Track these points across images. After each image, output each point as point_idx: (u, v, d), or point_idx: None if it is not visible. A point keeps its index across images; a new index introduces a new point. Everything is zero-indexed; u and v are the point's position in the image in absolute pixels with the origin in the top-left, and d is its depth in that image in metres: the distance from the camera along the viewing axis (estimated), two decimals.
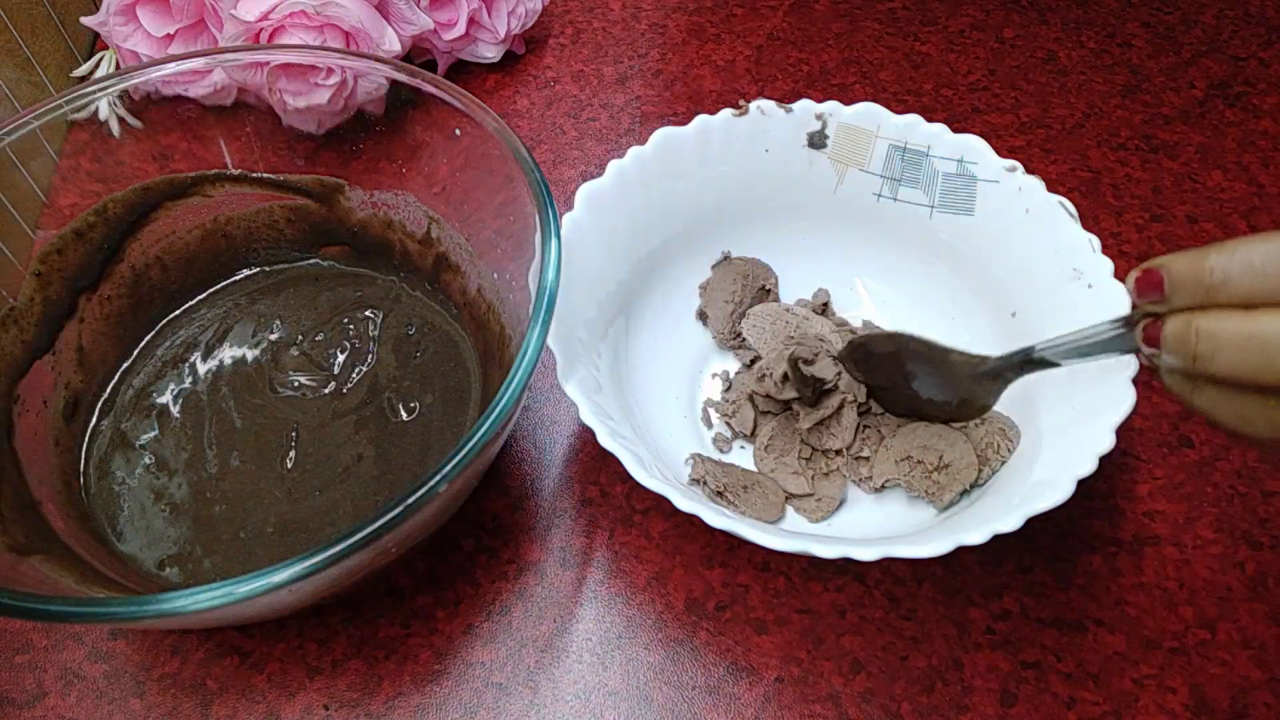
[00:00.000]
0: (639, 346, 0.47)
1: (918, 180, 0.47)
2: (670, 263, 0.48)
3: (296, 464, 0.44)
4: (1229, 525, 0.45)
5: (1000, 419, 0.44)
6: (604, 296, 0.44)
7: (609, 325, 0.45)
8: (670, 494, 0.37)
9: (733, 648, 0.42)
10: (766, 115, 0.46)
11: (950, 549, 0.35)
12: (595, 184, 0.44)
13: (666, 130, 0.45)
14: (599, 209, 0.43)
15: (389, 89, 0.46)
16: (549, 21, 0.68)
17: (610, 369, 0.44)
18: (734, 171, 0.47)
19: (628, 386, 0.45)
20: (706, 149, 0.46)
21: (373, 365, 0.47)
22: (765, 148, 0.46)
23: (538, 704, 0.40)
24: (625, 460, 0.37)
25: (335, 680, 0.41)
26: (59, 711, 0.40)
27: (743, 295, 0.49)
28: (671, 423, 0.46)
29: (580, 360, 0.41)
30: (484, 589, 0.43)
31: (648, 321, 0.48)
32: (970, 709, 0.40)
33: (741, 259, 0.50)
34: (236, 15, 0.52)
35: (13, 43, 0.57)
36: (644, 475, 0.37)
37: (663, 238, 0.47)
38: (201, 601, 0.30)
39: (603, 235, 0.44)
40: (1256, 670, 0.41)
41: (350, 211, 0.49)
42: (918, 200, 0.47)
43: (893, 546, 0.35)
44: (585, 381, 0.40)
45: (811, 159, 0.47)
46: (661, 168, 0.45)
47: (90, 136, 0.45)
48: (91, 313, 0.46)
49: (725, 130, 0.46)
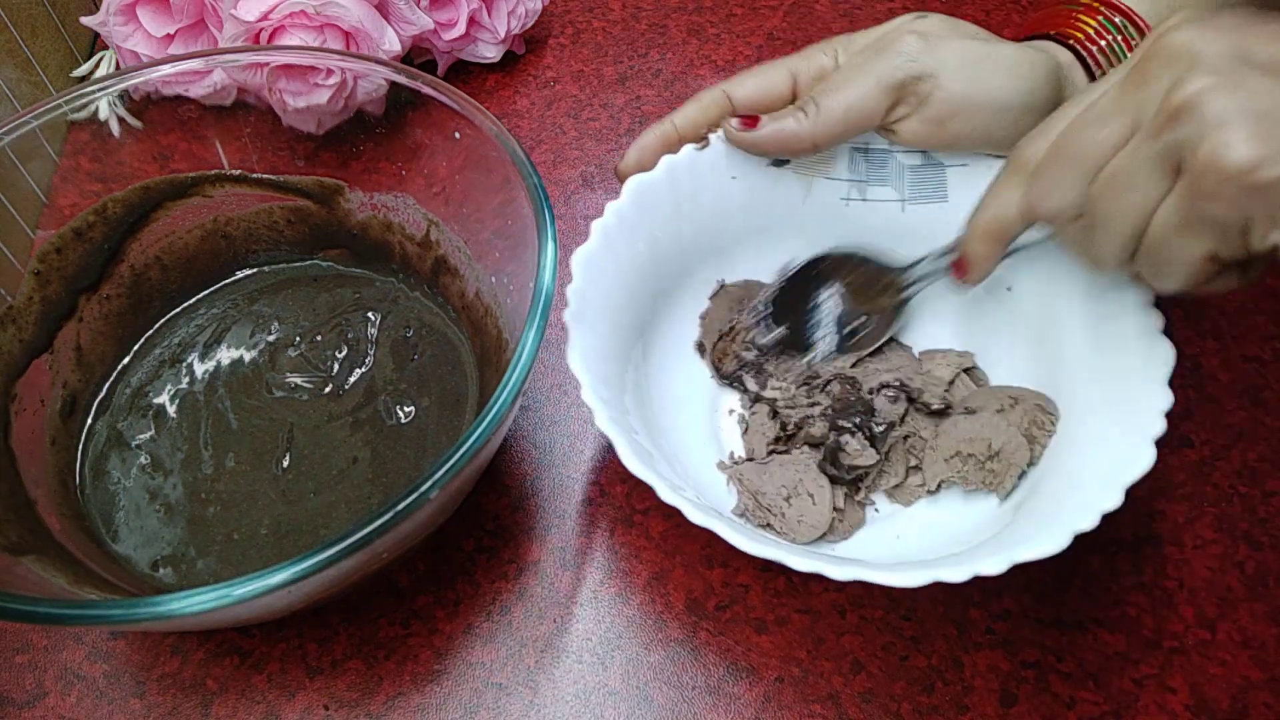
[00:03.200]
0: (656, 392, 0.46)
1: (885, 178, 0.47)
2: (670, 303, 0.48)
3: (292, 465, 0.44)
4: (1229, 525, 0.45)
5: (1035, 396, 0.44)
6: (615, 352, 0.44)
7: (623, 374, 0.44)
8: (685, 508, 0.36)
9: (733, 648, 0.42)
10: (727, 144, 0.46)
11: (968, 577, 0.34)
12: (585, 249, 0.43)
13: (638, 178, 0.45)
14: (595, 272, 0.43)
15: (389, 90, 0.46)
16: (549, 21, 0.68)
17: (639, 415, 0.44)
18: (707, 204, 0.47)
19: (655, 429, 0.45)
20: (678, 188, 0.46)
21: (370, 367, 0.47)
22: (731, 175, 0.47)
23: (538, 704, 0.40)
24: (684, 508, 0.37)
25: (335, 680, 0.41)
26: (59, 711, 0.40)
27: (738, 320, 0.49)
28: (701, 464, 0.46)
29: (609, 405, 0.40)
30: (484, 589, 0.43)
31: (658, 368, 0.47)
32: (970, 709, 0.40)
33: (735, 285, 0.50)
34: (236, 15, 0.52)
35: (13, 43, 0.57)
36: (698, 515, 0.36)
37: (657, 281, 0.47)
38: (196, 604, 0.30)
39: (603, 295, 0.44)
40: (1256, 670, 0.41)
41: (350, 213, 0.49)
42: (888, 196, 0.47)
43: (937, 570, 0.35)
44: (620, 422, 0.40)
45: (776, 177, 0.47)
46: (640, 216, 0.45)
47: (90, 136, 0.45)
48: (90, 312, 0.46)
49: (690, 166, 0.46)
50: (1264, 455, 0.47)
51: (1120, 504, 0.36)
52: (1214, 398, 0.49)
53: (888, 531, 0.44)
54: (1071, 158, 0.34)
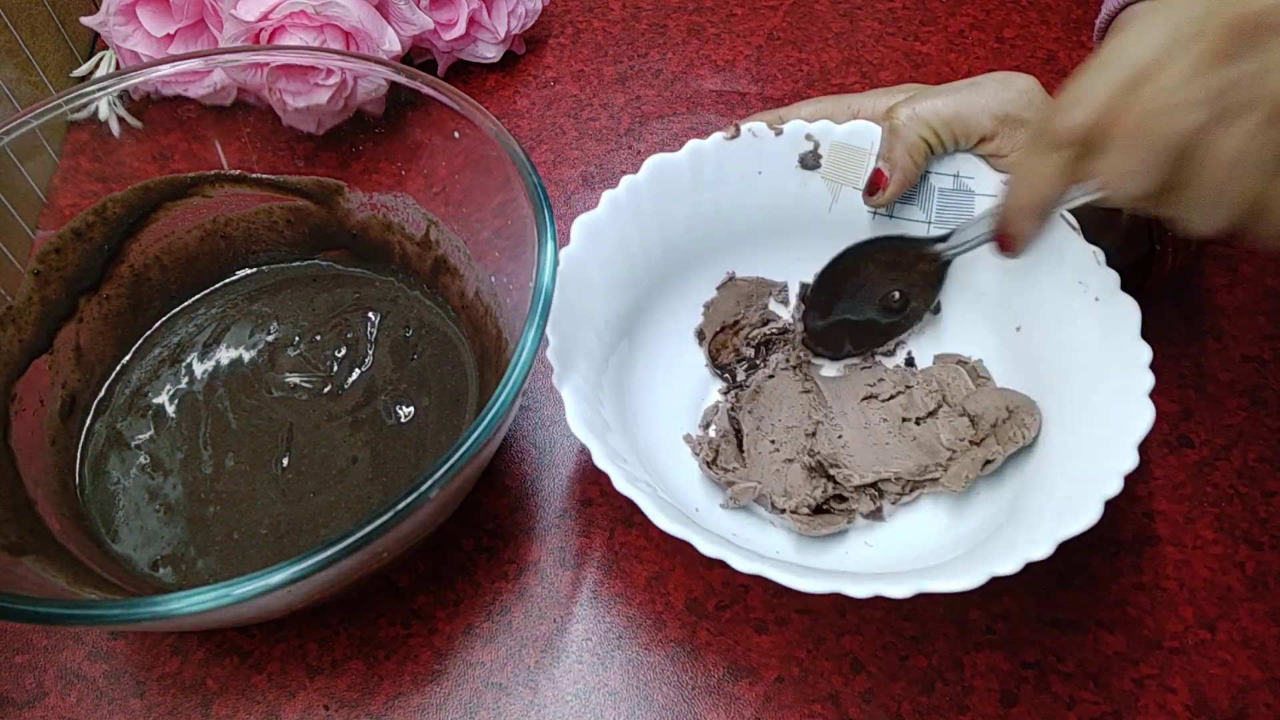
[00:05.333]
0: (642, 373, 0.46)
1: (915, 197, 0.46)
2: (670, 288, 0.48)
3: (292, 465, 0.44)
4: (1229, 525, 0.45)
5: (1012, 397, 0.44)
6: (603, 326, 0.44)
7: (610, 354, 0.44)
8: (694, 539, 0.36)
9: (733, 648, 0.42)
10: (758, 137, 0.46)
11: (984, 580, 0.34)
12: (591, 216, 0.43)
13: (660, 157, 0.45)
14: (595, 241, 0.43)
15: (388, 90, 0.46)
16: (549, 21, 0.68)
17: (614, 401, 0.43)
18: (729, 194, 0.47)
19: (632, 416, 0.45)
20: (700, 174, 0.46)
21: (370, 367, 0.47)
22: (758, 170, 0.46)
23: (538, 704, 0.40)
24: (644, 505, 0.37)
25: (335, 680, 0.41)
26: (59, 711, 0.40)
27: (744, 315, 0.49)
28: (679, 452, 0.46)
29: (585, 398, 0.40)
30: (484, 589, 0.43)
31: (650, 349, 0.47)
32: (970, 709, 0.40)
33: (745, 279, 0.49)
34: (236, 15, 0.52)
35: (13, 43, 0.57)
36: (665, 521, 0.36)
37: (661, 264, 0.46)
38: (196, 604, 0.30)
39: (601, 266, 0.43)
40: (1256, 670, 0.41)
41: (350, 213, 0.49)
42: (915, 217, 0.47)
43: (925, 581, 0.35)
44: (593, 421, 0.39)
45: (804, 179, 0.47)
46: (656, 195, 0.45)
47: (90, 136, 0.45)
48: (90, 313, 0.46)
49: (717, 154, 0.46)
50: (1264, 455, 0.47)
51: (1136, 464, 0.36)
52: (1214, 398, 0.49)
53: (865, 538, 0.44)
54: (1154, 143, 0.33)
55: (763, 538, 0.43)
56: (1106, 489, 0.36)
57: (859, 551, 0.43)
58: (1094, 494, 0.36)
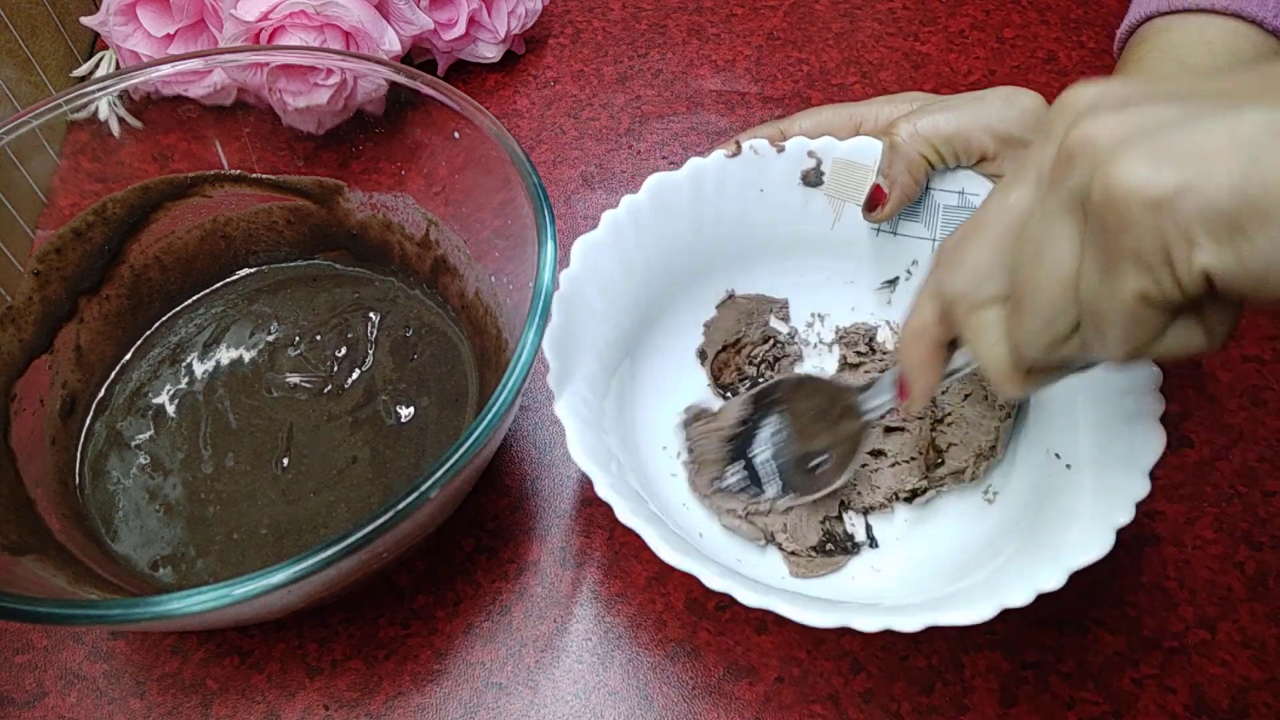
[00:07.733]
0: (643, 395, 0.46)
1: (918, 213, 0.46)
2: (671, 307, 0.47)
3: (292, 465, 0.44)
4: (1229, 525, 0.45)
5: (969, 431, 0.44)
6: (604, 349, 0.43)
7: (610, 377, 0.44)
8: (700, 573, 0.35)
9: (733, 648, 0.42)
10: (760, 154, 0.45)
11: (995, 612, 0.34)
12: (591, 236, 0.42)
13: (660, 176, 0.44)
14: (596, 262, 0.42)
15: (388, 90, 0.46)
16: (549, 21, 0.68)
17: (616, 426, 0.43)
18: (730, 212, 0.46)
19: (634, 440, 0.44)
20: (700, 192, 0.45)
21: (370, 367, 0.47)
22: (760, 187, 0.46)
23: (538, 704, 0.40)
24: (649, 537, 0.35)
25: (335, 680, 0.41)
26: (59, 711, 0.40)
27: (745, 333, 0.49)
28: (682, 473, 0.46)
29: (588, 424, 0.40)
30: (484, 589, 0.43)
31: (651, 370, 0.47)
32: (970, 709, 0.40)
33: (745, 297, 0.49)
34: (236, 15, 0.52)
35: (13, 43, 0.57)
36: (670, 553, 0.35)
37: (662, 284, 0.46)
38: (196, 604, 0.30)
39: (602, 288, 0.43)
40: (1256, 670, 0.41)
41: (349, 213, 0.49)
42: (918, 233, 0.46)
43: (937, 614, 0.34)
44: (595, 449, 0.38)
45: (807, 196, 0.46)
46: (656, 213, 0.44)
47: (90, 136, 0.45)
48: (90, 313, 0.46)
49: (718, 172, 0.45)
50: (1264, 455, 0.47)
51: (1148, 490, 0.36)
52: (1214, 398, 0.49)
53: (871, 562, 0.44)
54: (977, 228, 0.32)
55: (766, 560, 0.43)
56: (1119, 517, 0.35)
57: (865, 576, 0.43)
58: (1106, 523, 0.35)
